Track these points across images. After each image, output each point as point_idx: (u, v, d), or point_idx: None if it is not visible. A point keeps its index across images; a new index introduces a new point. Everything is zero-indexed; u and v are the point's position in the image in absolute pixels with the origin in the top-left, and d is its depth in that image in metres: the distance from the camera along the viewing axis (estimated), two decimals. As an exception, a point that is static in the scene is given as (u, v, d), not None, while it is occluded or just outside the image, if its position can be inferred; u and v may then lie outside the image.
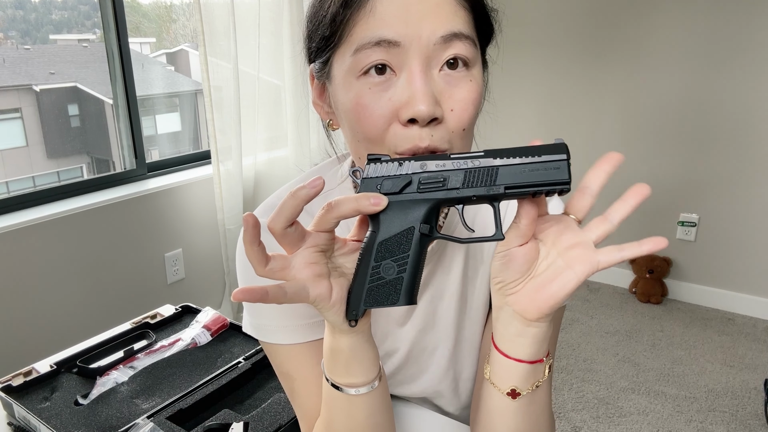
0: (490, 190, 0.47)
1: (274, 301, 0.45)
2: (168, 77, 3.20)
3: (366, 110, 0.55)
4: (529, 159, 0.46)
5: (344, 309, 0.50)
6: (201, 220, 2.40)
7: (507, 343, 0.54)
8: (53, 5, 2.71)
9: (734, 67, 2.53)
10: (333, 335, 0.53)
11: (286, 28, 2.42)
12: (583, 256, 0.49)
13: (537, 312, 0.51)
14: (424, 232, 0.48)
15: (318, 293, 0.48)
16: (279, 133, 2.58)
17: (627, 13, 2.72)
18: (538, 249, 0.51)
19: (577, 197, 0.51)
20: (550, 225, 0.51)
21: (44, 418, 0.88)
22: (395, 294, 0.48)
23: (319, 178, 0.46)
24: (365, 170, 0.49)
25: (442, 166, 0.48)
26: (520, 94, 3.08)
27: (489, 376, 0.57)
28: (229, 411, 0.88)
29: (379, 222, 0.48)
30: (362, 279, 0.49)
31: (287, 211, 0.45)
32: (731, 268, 2.71)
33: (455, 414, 0.83)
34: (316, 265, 0.48)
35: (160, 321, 1.17)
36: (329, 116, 0.64)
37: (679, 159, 2.73)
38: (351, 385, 0.56)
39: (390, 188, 0.48)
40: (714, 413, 2.03)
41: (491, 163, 0.47)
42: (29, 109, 2.68)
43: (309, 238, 0.48)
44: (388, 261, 0.48)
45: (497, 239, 0.49)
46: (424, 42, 0.53)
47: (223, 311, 2.49)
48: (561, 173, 0.46)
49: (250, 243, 0.45)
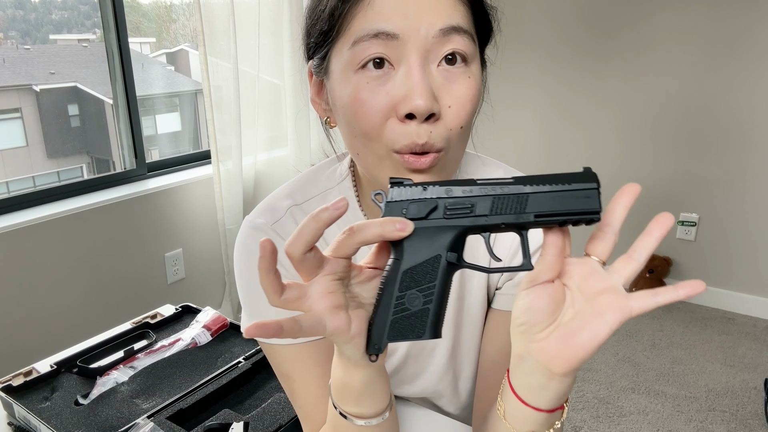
0: (519, 217, 0.45)
1: (288, 336, 0.42)
2: (168, 77, 3.20)
3: (363, 105, 0.54)
4: (560, 187, 0.45)
5: (364, 342, 0.46)
6: (201, 220, 2.40)
7: (527, 392, 0.50)
8: (53, 5, 2.71)
9: (734, 68, 2.53)
10: (346, 369, 0.50)
11: (285, 27, 2.42)
12: (614, 303, 0.45)
13: (565, 365, 0.47)
14: (452, 261, 0.46)
15: (336, 326, 0.44)
16: (279, 132, 2.58)
17: (626, 13, 2.72)
18: (564, 292, 0.48)
19: (597, 239, 0.47)
20: (574, 268, 0.48)
21: (44, 418, 0.88)
22: (421, 326, 0.45)
23: (343, 199, 0.43)
24: (389, 194, 0.46)
25: (469, 192, 0.46)
26: (519, 95, 3.08)
27: (503, 414, 0.53)
28: (229, 411, 0.88)
29: (403, 249, 0.45)
30: (385, 310, 0.46)
31: (308, 235, 0.42)
32: (731, 268, 2.71)
33: (455, 414, 0.83)
34: (333, 294, 0.44)
35: (160, 321, 1.17)
36: (327, 113, 0.63)
37: (679, 159, 2.73)
38: (360, 416, 0.53)
39: (415, 213, 0.45)
40: (714, 413, 2.04)
41: (521, 190, 0.45)
42: (29, 109, 2.69)
43: (327, 265, 0.44)
44: (414, 291, 0.45)
45: (526, 269, 0.47)
46: (423, 35, 0.52)
47: (223, 311, 2.50)
48: (592, 202, 0.45)
49: (266, 271, 0.41)
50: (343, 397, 0.53)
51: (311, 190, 0.71)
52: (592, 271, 0.47)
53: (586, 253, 0.48)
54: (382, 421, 0.54)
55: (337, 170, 0.73)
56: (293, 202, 0.70)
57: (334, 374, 0.53)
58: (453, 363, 0.77)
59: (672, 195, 2.75)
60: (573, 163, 3.00)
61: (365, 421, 0.53)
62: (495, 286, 0.73)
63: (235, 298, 2.51)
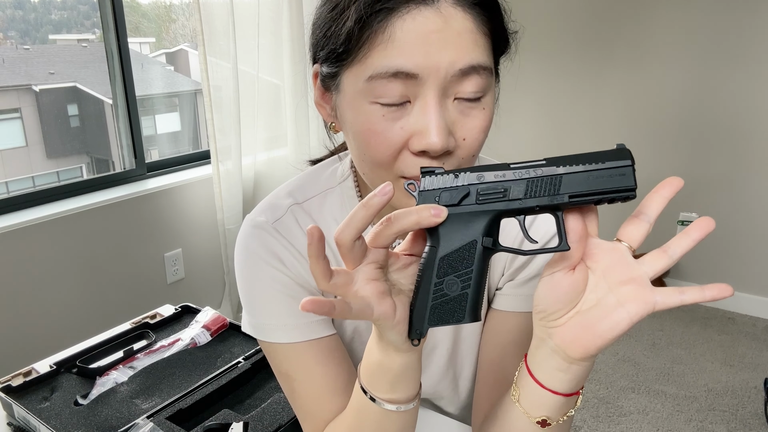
0: (553, 199, 0.45)
1: (340, 316, 0.43)
2: (167, 77, 3.19)
3: (377, 137, 0.54)
4: (593, 166, 0.45)
5: (407, 328, 0.47)
6: (201, 220, 2.40)
7: (545, 374, 0.51)
8: (53, 5, 2.71)
9: (734, 68, 2.53)
10: (386, 353, 0.50)
11: (285, 27, 2.42)
12: (638, 295, 0.45)
13: (582, 351, 0.48)
14: (487, 246, 0.46)
15: (382, 311, 0.45)
16: (278, 132, 2.58)
17: (627, 14, 2.72)
18: (587, 277, 0.48)
19: (631, 224, 0.47)
20: (601, 252, 0.48)
21: (44, 418, 0.88)
22: (460, 311, 0.46)
23: (388, 184, 0.43)
24: (421, 183, 0.47)
25: (502, 176, 0.46)
26: (520, 94, 3.08)
27: (518, 398, 0.53)
28: (228, 411, 0.88)
29: (439, 236, 0.46)
30: (425, 297, 0.47)
31: (358, 223, 0.42)
32: (731, 268, 2.71)
33: (455, 414, 0.83)
34: (377, 282, 0.45)
35: (159, 321, 1.17)
36: (332, 119, 0.62)
37: (679, 158, 2.73)
38: (392, 401, 0.53)
39: (448, 200, 0.46)
40: (714, 412, 2.03)
41: (554, 171, 0.45)
42: (29, 109, 2.68)
43: (369, 254, 0.45)
44: (451, 277, 0.46)
45: (563, 250, 0.46)
46: (442, 74, 0.51)
47: (223, 311, 2.50)
48: (627, 180, 0.45)
49: (316, 257, 0.42)
50: (376, 381, 0.53)
51: (312, 189, 0.71)
52: (620, 258, 0.47)
53: (617, 237, 0.48)
54: (411, 407, 0.55)
55: (338, 170, 0.72)
56: (294, 200, 0.70)
57: (369, 359, 0.53)
58: (453, 363, 0.77)
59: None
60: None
61: (396, 406, 0.53)
62: (495, 287, 0.73)
63: (235, 298, 2.50)
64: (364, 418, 0.56)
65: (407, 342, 0.48)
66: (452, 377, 0.78)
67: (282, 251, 0.67)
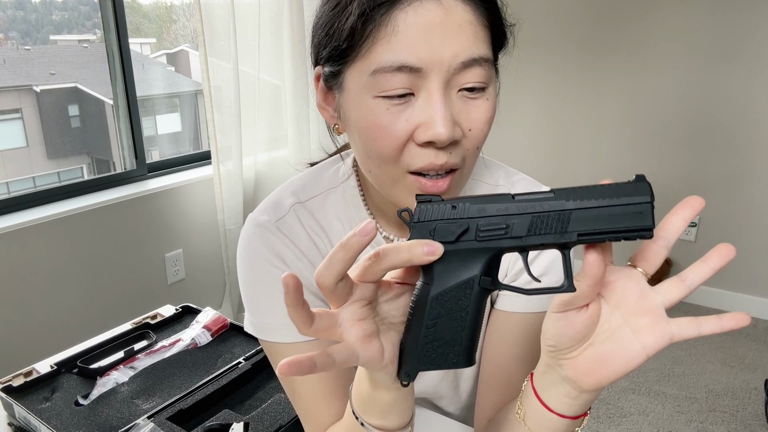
0: (561, 237, 0.41)
1: (322, 370, 0.40)
2: (168, 78, 3.20)
3: (383, 131, 0.54)
4: (607, 201, 0.41)
5: (395, 369, 0.45)
6: (201, 221, 2.40)
7: (553, 399, 0.50)
8: (53, 6, 2.71)
9: (734, 68, 2.53)
10: (376, 388, 0.49)
11: (286, 28, 2.42)
12: (654, 327, 0.44)
13: (595, 384, 0.46)
14: (485, 286, 0.43)
15: (369, 356, 0.43)
16: (279, 133, 2.58)
17: (627, 13, 2.72)
18: (599, 312, 0.45)
19: (648, 250, 0.44)
20: (616, 280, 0.45)
21: (44, 418, 0.88)
22: (453, 355, 0.43)
23: (370, 223, 0.40)
24: (415, 213, 0.43)
25: (504, 210, 0.42)
26: (520, 95, 3.08)
27: (523, 418, 0.52)
28: (229, 411, 0.88)
29: (433, 274, 0.43)
30: (415, 339, 0.43)
31: (338, 265, 0.40)
32: (731, 268, 2.71)
33: (456, 414, 0.83)
34: (364, 322, 0.43)
35: (160, 321, 1.17)
36: (335, 121, 0.62)
37: (679, 159, 2.73)
38: (383, 429, 0.52)
39: (444, 235, 0.42)
40: (714, 413, 2.03)
41: (563, 206, 0.41)
42: (29, 110, 2.69)
43: (356, 291, 0.43)
44: (444, 318, 0.43)
45: (567, 291, 0.43)
46: (445, 67, 0.52)
47: (224, 311, 2.50)
48: (644, 219, 0.40)
49: (294, 306, 0.39)
50: (367, 409, 0.52)
51: (314, 189, 0.71)
52: (634, 286, 0.45)
53: (631, 263, 0.45)
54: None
55: (341, 169, 0.72)
56: (297, 199, 0.70)
57: (359, 387, 0.51)
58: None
59: (672, 195, 2.73)
60: (573, 162, 3.00)
61: None
62: (497, 287, 0.73)
63: (236, 299, 2.51)
64: None
65: (396, 382, 0.46)
66: (453, 377, 0.78)
67: (284, 250, 0.67)
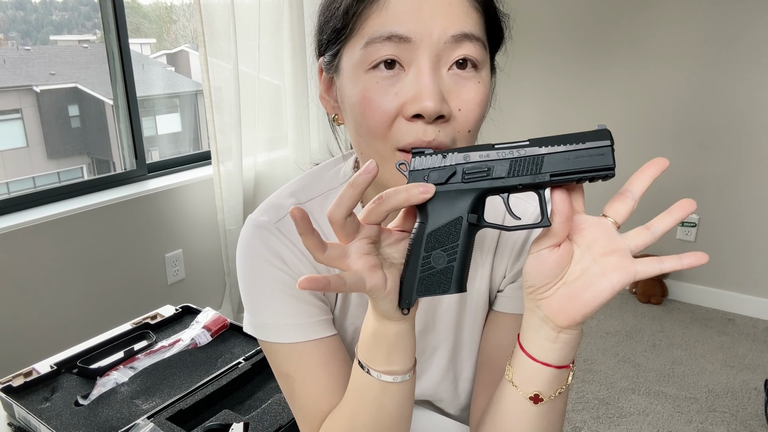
0: (535, 178, 0.47)
1: (335, 290, 0.46)
2: (168, 78, 3.20)
3: (372, 104, 0.55)
4: (574, 146, 0.47)
5: (397, 298, 0.51)
6: (201, 221, 2.40)
7: (535, 346, 0.53)
8: (53, 6, 2.71)
9: (734, 68, 2.53)
10: (380, 322, 0.53)
11: (286, 28, 2.42)
12: (620, 265, 0.48)
13: (568, 320, 0.51)
14: (472, 222, 0.49)
15: (374, 283, 0.48)
16: (279, 133, 2.58)
17: (627, 15, 2.72)
18: (572, 252, 0.51)
19: (617, 200, 0.50)
20: (587, 227, 0.50)
21: (44, 418, 0.88)
22: (446, 282, 0.49)
23: (371, 162, 0.46)
24: (411, 163, 0.50)
25: (486, 156, 0.48)
26: (521, 96, 3.08)
27: (511, 377, 0.56)
28: (229, 411, 0.88)
29: (427, 213, 0.49)
30: (413, 269, 0.50)
31: (347, 201, 0.46)
32: (731, 268, 2.71)
33: (455, 415, 0.83)
34: (369, 256, 0.49)
35: (160, 321, 1.17)
36: (335, 111, 0.64)
37: (679, 159, 2.73)
38: (390, 373, 0.55)
39: (436, 179, 0.49)
40: (714, 413, 2.03)
41: (536, 151, 0.48)
42: (30, 110, 2.69)
43: (362, 230, 0.48)
44: (438, 251, 0.49)
45: (544, 226, 0.49)
46: (435, 40, 0.53)
47: (224, 312, 2.50)
48: (605, 159, 0.47)
49: (305, 233, 0.46)
50: (373, 353, 0.55)
51: (315, 190, 0.71)
52: (604, 232, 0.50)
53: (603, 213, 0.51)
54: (407, 378, 0.56)
55: (342, 170, 0.73)
56: (297, 200, 0.70)
57: (365, 330, 0.56)
58: (453, 364, 0.77)
59: (672, 195, 2.73)
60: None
61: (393, 377, 0.55)
62: (497, 288, 0.73)
63: (235, 299, 2.51)
64: (363, 397, 0.58)
65: (398, 311, 0.51)
66: (452, 379, 0.79)
67: (284, 251, 0.67)
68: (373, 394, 0.57)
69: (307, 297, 0.67)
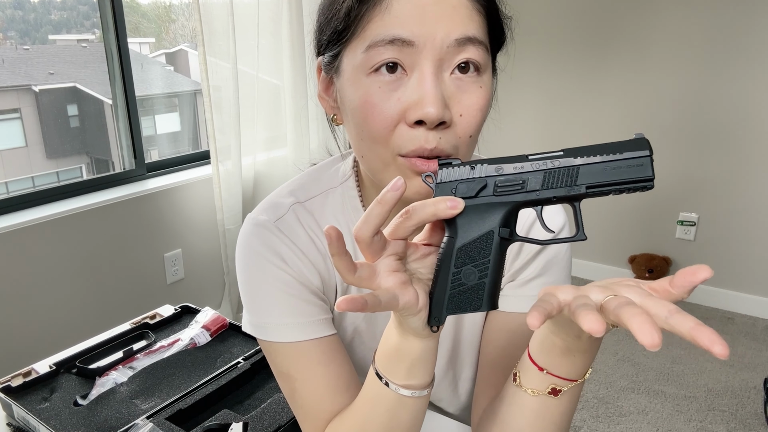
0: (571, 190, 0.46)
1: (371, 310, 0.44)
2: (167, 77, 3.20)
3: (374, 109, 0.54)
4: (611, 156, 0.45)
5: (427, 315, 0.49)
6: (200, 220, 2.40)
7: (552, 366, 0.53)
8: (52, 5, 2.71)
9: (734, 68, 2.53)
10: (406, 338, 0.52)
11: (285, 28, 2.42)
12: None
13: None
14: (504, 236, 0.47)
15: (407, 300, 0.47)
16: (278, 133, 2.58)
17: (626, 14, 2.72)
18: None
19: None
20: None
21: (43, 418, 0.88)
22: (478, 299, 0.48)
23: (399, 179, 0.45)
24: (438, 175, 0.48)
25: (520, 168, 0.47)
26: (520, 96, 3.08)
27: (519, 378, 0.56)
28: (228, 411, 0.88)
29: (456, 227, 0.47)
30: (443, 285, 0.48)
31: (375, 218, 0.45)
32: (731, 268, 2.71)
33: (455, 414, 0.83)
34: (398, 273, 0.47)
35: (159, 321, 1.17)
36: (334, 111, 0.63)
37: (678, 158, 2.73)
38: (408, 387, 0.54)
39: (465, 192, 0.47)
40: (713, 412, 2.04)
41: (572, 162, 0.46)
42: (28, 110, 2.69)
43: (389, 247, 0.47)
44: (469, 267, 0.47)
45: (580, 239, 0.48)
46: (438, 44, 0.52)
47: (223, 311, 2.50)
48: (644, 170, 0.45)
49: (338, 254, 0.44)
50: (394, 366, 0.54)
51: (314, 189, 0.71)
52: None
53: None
54: (425, 393, 0.56)
55: (341, 169, 0.72)
56: (296, 199, 0.70)
57: (387, 344, 0.54)
58: (453, 364, 0.77)
59: (671, 195, 2.75)
60: (572, 163, 3.00)
61: (411, 392, 0.54)
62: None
63: (235, 299, 2.50)
64: (377, 406, 0.57)
65: (427, 328, 0.50)
66: (452, 378, 0.78)
67: (284, 249, 0.67)
68: (388, 406, 0.56)
69: (307, 296, 0.67)
